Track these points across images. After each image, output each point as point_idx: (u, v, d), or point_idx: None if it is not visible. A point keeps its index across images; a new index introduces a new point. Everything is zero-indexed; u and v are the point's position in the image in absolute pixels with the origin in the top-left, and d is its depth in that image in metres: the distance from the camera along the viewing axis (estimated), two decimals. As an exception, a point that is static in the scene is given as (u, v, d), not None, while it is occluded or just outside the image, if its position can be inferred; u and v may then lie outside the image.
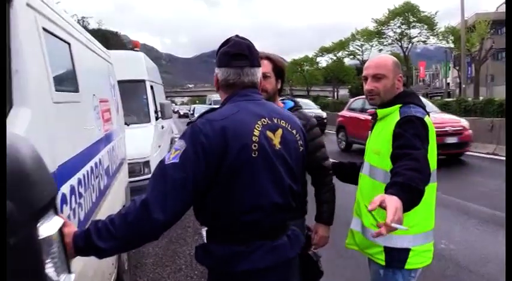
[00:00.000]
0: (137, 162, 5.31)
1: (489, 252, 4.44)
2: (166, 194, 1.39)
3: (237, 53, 1.60)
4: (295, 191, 1.65)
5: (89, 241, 1.36)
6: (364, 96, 2.63)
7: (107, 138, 3.12)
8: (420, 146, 1.77)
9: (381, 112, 2.09)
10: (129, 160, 4.76)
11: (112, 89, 3.94)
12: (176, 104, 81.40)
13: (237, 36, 1.67)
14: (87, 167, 2.23)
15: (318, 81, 62.75)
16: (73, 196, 1.83)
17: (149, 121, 6.43)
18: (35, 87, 1.47)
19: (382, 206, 1.39)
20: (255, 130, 1.52)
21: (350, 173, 2.35)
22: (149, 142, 5.78)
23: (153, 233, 1.41)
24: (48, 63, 1.69)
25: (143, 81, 6.77)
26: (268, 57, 2.24)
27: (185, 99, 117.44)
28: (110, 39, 34.06)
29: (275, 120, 1.61)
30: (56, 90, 1.76)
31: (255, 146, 1.49)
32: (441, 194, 6.35)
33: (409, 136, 1.81)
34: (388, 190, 1.52)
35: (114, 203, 3.19)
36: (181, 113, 51.76)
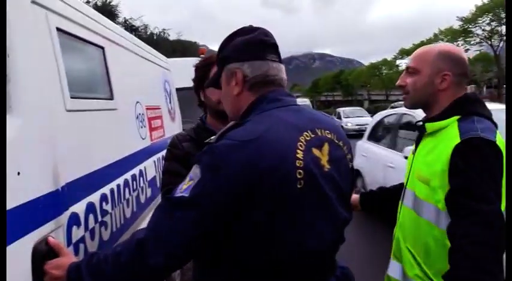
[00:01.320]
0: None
1: None
2: (169, 235, 1.09)
3: (273, 43, 1.28)
4: (348, 221, 1.30)
5: (79, 275, 1.14)
6: None
7: (154, 148, 2.97)
8: (493, 194, 1.28)
9: (430, 126, 1.55)
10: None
11: (167, 96, 3.83)
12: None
13: (251, 26, 1.34)
14: (119, 181, 2.06)
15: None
16: (91, 215, 1.64)
17: (213, 128, 6.33)
18: (31, 94, 1.28)
19: None
20: (298, 151, 1.13)
21: (380, 201, 1.87)
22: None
23: (150, 279, 1.13)
24: (61, 69, 1.52)
25: (207, 88, 6.70)
26: None
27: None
28: (188, 49, 35.54)
29: (319, 132, 1.22)
30: (73, 97, 1.58)
31: (299, 173, 1.11)
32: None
33: (476, 175, 1.30)
34: None
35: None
36: None
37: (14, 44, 1.23)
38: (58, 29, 1.55)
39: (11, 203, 1.09)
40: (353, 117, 22.54)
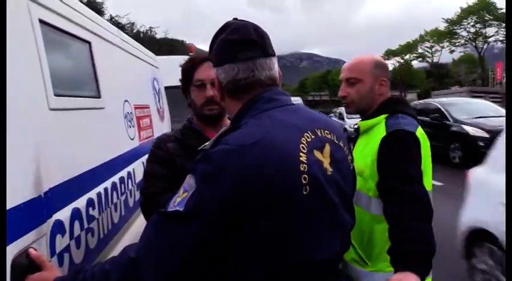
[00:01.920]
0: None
1: None
2: (163, 252, 0.99)
3: (244, 39, 1.14)
4: (353, 226, 1.23)
5: None
6: None
7: (143, 148, 2.85)
8: (417, 175, 1.49)
9: (363, 124, 1.79)
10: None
11: (156, 95, 3.70)
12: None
13: (235, 19, 1.23)
14: (107, 184, 1.94)
15: (384, 86, 60.75)
16: (76, 222, 1.52)
17: (202, 128, 6.22)
18: (11, 92, 1.16)
19: None
20: (301, 154, 1.05)
21: None
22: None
23: None
24: (44, 64, 1.40)
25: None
26: None
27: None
28: (175, 47, 35.42)
29: (319, 133, 1.14)
30: (57, 95, 1.46)
31: (304, 178, 1.03)
32: None
33: (401, 161, 1.52)
34: (399, 263, 1.28)
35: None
36: None
37: None
38: (41, 21, 1.43)
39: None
40: (358, 118, 21.45)
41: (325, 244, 1.10)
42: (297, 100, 25.24)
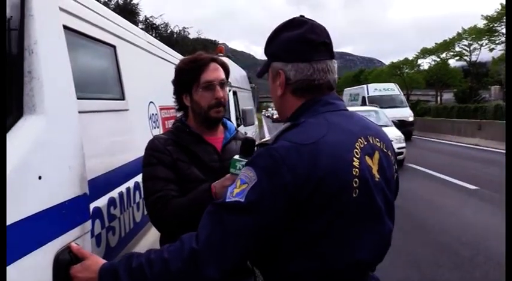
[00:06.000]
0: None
1: None
2: (225, 244, 1.03)
3: (322, 41, 1.18)
4: (391, 233, 1.25)
5: (116, 277, 1.08)
6: None
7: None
8: None
9: None
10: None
11: (183, 96, 3.76)
12: (272, 109, 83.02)
13: (301, 17, 1.24)
14: (129, 183, 1.99)
15: (420, 85, 59.22)
16: (97, 220, 1.57)
17: (229, 128, 6.26)
18: (54, 94, 1.22)
19: None
20: (354, 159, 1.09)
21: None
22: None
23: None
24: (68, 69, 1.45)
25: (224, 87, 6.64)
26: (223, 62, 1.75)
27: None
28: (208, 47, 35.71)
29: (370, 140, 1.18)
30: (79, 98, 1.51)
31: (355, 181, 1.08)
32: None
33: None
34: None
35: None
36: (275, 118, 54.17)
37: (39, 41, 1.17)
38: (65, 27, 1.48)
39: (30, 209, 1.01)
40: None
41: (367, 245, 1.14)
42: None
